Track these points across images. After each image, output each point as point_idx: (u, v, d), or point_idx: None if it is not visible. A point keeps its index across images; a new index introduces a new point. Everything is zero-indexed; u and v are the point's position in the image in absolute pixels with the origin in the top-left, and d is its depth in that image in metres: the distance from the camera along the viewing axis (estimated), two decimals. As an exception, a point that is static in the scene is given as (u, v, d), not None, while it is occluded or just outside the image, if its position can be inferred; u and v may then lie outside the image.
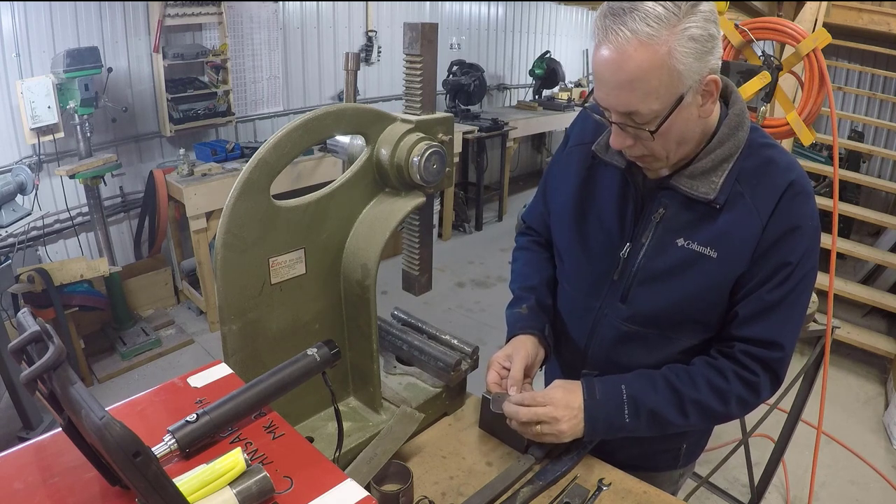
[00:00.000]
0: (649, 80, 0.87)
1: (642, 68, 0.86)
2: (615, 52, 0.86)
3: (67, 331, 2.94)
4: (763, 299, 1.01)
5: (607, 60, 0.88)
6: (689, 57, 0.86)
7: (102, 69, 3.11)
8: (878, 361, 3.67)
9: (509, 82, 6.83)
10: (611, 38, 0.86)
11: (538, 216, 1.36)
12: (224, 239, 0.96)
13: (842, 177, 4.19)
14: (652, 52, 0.85)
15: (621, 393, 1.07)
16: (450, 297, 4.39)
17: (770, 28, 1.98)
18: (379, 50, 5.09)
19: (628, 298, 1.11)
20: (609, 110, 0.95)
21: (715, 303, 1.05)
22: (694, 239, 1.02)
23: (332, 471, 0.70)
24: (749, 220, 0.99)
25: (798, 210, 0.98)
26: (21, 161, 3.15)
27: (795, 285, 1.00)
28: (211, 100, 3.89)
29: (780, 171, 1.00)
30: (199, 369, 0.87)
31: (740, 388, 1.04)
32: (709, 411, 1.06)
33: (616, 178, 1.11)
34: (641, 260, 1.08)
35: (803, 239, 0.99)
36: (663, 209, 1.05)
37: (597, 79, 0.93)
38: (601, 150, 1.11)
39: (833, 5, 3.77)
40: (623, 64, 0.86)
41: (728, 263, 1.01)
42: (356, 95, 1.34)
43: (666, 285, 1.06)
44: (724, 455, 2.28)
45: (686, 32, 0.85)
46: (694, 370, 1.08)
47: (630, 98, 0.89)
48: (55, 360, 0.53)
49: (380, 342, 1.22)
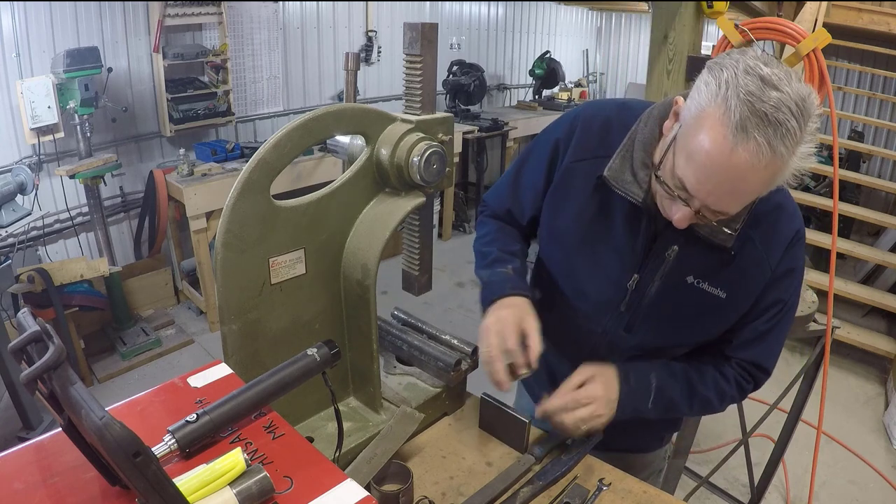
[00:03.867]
0: (759, 193, 0.86)
1: (763, 185, 0.82)
2: (746, 161, 0.78)
3: (67, 331, 2.94)
4: (757, 330, 1.08)
5: (732, 165, 0.79)
6: (791, 174, 0.84)
7: (102, 69, 3.12)
8: (878, 361, 3.67)
9: (509, 82, 6.83)
10: (750, 145, 0.77)
11: (504, 211, 1.28)
12: (224, 239, 0.96)
13: (842, 177, 4.19)
14: (776, 171, 0.80)
15: (650, 383, 1.10)
16: (450, 297, 4.39)
17: (770, 28, 1.98)
18: (379, 50, 5.09)
19: (633, 329, 1.12)
20: (694, 198, 0.87)
21: (713, 334, 1.11)
22: (705, 279, 1.04)
23: (332, 471, 0.70)
24: (759, 267, 1.02)
25: (797, 255, 1.05)
26: (21, 161, 3.15)
27: (783, 316, 1.08)
28: (211, 100, 3.89)
29: (788, 219, 1.03)
30: (199, 369, 0.87)
31: (735, 391, 1.13)
32: (708, 407, 1.14)
33: (627, 205, 1.05)
34: (651, 295, 1.08)
35: (796, 279, 1.07)
36: (677, 246, 1.03)
37: (700, 168, 0.82)
38: (615, 175, 1.03)
39: (833, 5, 3.77)
40: (749, 177, 0.80)
41: (735, 304, 1.05)
42: (356, 95, 1.34)
43: (672, 320, 1.09)
44: (724, 455, 2.28)
45: (801, 150, 0.80)
46: (705, 368, 1.13)
47: (732, 205, 0.86)
48: (55, 360, 0.53)
49: (380, 342, 1.21)
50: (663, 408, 1.11)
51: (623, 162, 1.03)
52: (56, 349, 0.54)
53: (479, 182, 5.67)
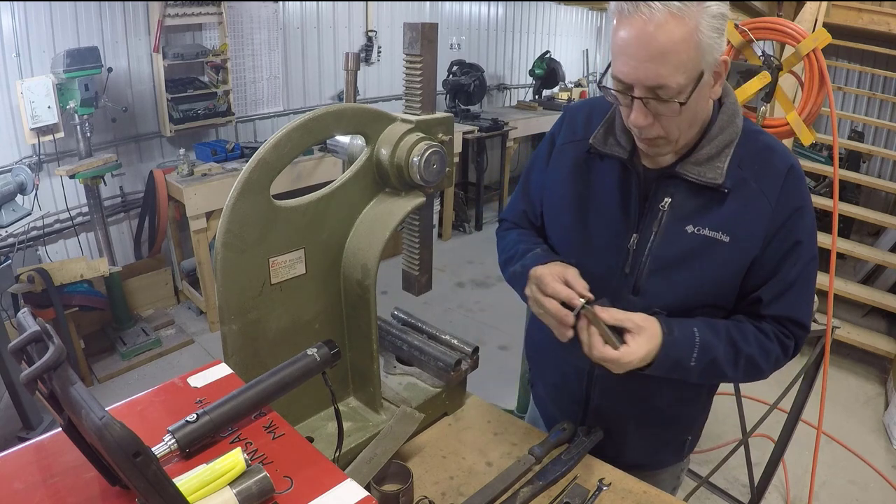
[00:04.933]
0: (679, 53, 0.88)
1: (674, 40, 0.87)
2: (647, 23, 0.86)
3: (67, 331, 2.94)
4: (783, 281, 1.05)
5: (638, 32, 0.87)
6: (713, 33, 0.89)
7: (102, 69, 3.11)
8: (878, 361, 3.67)
9: (509, 82, 6.82)
10: (642, 11, 0.86)
11: (520, 214, 1.32)
12: (224, 239, 0.96)
13: (842, 177, 4.19)
14: (683, 25, 0.86)
15: (694, 336, 1.03)
16: (450, 297, 4.39)
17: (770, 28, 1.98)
18: (379, 50, 5.09)
19: (641, 290, 1.10)
20: (633, 86, 0.93)
21: (728, 285, 1.07)
22: (704, 224, 1.04)
23: (332, 471, 0.70)
24: (758, 204, 1.02)
25: (799, 192, 1.04)
26: (21, 161, 3.15)
27: (808, 261, 1.06)
28: (211, 100, 3.89)
29: (779, 156, 1.04)
30: (199, 369, 0.87)
31: (778, 348, 1.08)
32: (756, 367, 1.07)
33: (615, 171, 1.11)
34: (652, 250, 1.07)
35: (807, 217, 1.05)
36: (669, 198, 1.05)
37: (622, 53, 0.91)
38: (599, 141, 1.11)
39: (833, 5, 3.77)
40: (656, 35, 0.86)
41: (742, 246, 1.03)
42: (356, 95, 1.34)
43: (679, 273, 1.06)
44: (724, 455, 2.28)
45: (709, 9, 0.88)
46: (745, 326, 1.08)
47: (660, 70, 0.89)
48: (55, 360, 0.53)
49: (380, 342, 1.21)
50: (707, 368, 1.04)
51: (607, 131, 1.12)
52: (56, 349, 0.54)
53: (479, 182, 5.67)
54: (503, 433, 1.27)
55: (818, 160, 4.59)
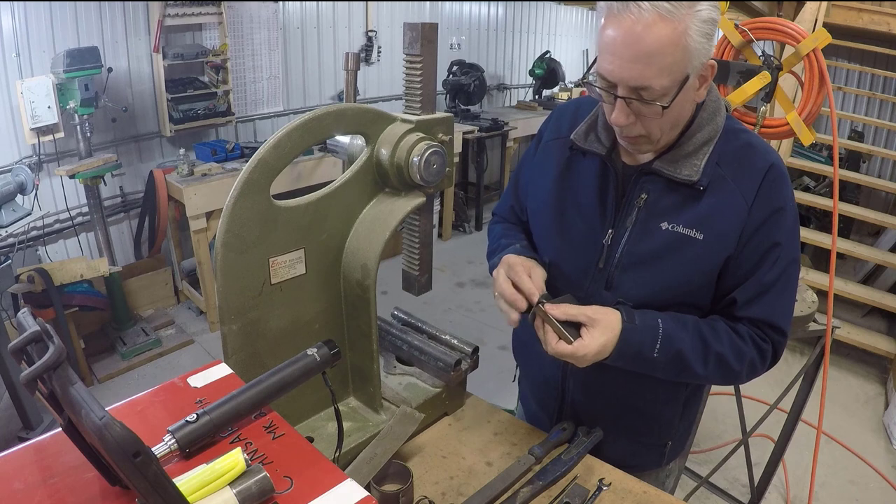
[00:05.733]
0: (665, 56, 0.87)
1: (661, 42, 0.86)
2: (635, 23, 0.86)
3: (67, 331, 2.94)
4: (760, 282, 1.03)
5: (625, 32, 0.87)
6: (701, 38, 0.88)
7: (102, 69, 3.11)
8: (878, 361, 3.67)
9: (509, 82, 6.82)
10: (631, 10, 0.86)
11: (508, 209, 1.37)
12: (224, 239, 0.96)
13: (842, 177, 4.19)
14: (671, 28, 0.86)
15: (657, 327, 1.02)
16: (450, 297, 4.39)
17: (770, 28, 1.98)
18: (379, 50, 5.09)
19: (613, 285, 1.09)
20: (617, 85, 0.93)
21: (702, 285, 1.06)
22: (678, 222, 1.03)
23: (332, 471, 0.70)
24: (733, 202, 1.01)
25: (780, 192, 1.02)
26: (21, 161, 3.15)
27: (787, 265, 1.04)
28: (211, 100, 3.89)
29: (759, 155, 1.03)
30: (199, 369, 0.87)
31: (754, 351, 1.06)
32: (727, 367, 1.05)
33: (595, 167, 1.11)
34: (625, 245, 1.07)
35: (787, 219, 1.02)
36: (645, 194, 1.05)
37: (608, 52, 0.91)
38: (580, 137, 1.12)
39: (833, 5, 3.77)
40: (643, 36, 0.86)
41: (715, 245, 1.02)
42: (356, 95, 1.34)
43: (651, 269, 1.06)
44: (724, 455, 2.28)
45: (700, 13, 0.87)
46: (717, 325, 1.06)
47: (645, 72, 0.89)
48: (55, 360, 0.53)
49: (380, 342, 1.21)
50: (673, 362, 1.03)
51: (589, 128, 1.12)
52: (56, 349, 0.54)
53: (479, 182, 5.67)
54: (503, 433, 1.27)
55: (818, 160, 4.58)
